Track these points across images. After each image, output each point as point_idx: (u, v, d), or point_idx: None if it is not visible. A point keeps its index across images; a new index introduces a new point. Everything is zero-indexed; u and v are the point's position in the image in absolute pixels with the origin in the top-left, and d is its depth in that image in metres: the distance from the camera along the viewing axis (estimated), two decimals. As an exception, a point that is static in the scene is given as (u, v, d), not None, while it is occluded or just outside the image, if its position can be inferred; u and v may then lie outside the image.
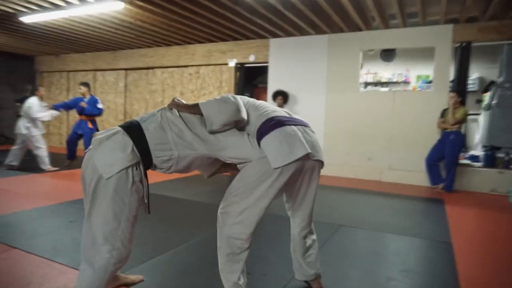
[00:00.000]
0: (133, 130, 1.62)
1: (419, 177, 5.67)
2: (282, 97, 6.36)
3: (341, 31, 6.20)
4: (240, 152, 1.70)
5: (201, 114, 1.68)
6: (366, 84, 7.50)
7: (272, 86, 6.75)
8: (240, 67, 7.24)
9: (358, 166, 6.15)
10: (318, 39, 6.41)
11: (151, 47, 8.14)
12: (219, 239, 1.75)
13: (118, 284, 1.96)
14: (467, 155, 6.06)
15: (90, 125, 6.30)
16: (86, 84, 6.47)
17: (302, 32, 6.44)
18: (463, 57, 5.44)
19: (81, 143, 6.49)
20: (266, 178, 1.64)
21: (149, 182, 1.70)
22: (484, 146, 5.83)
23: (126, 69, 8.72)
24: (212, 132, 1.67)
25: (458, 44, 5.51)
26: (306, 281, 2.06)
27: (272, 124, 1.68)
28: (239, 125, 1.75)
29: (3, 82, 11.39)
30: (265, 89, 7.01)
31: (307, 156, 1.65)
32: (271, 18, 5.64)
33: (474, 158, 5.86)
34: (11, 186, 4.55)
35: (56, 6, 5.35)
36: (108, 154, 1.55)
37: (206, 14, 5.46)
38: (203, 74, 7.64)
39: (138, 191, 1.61)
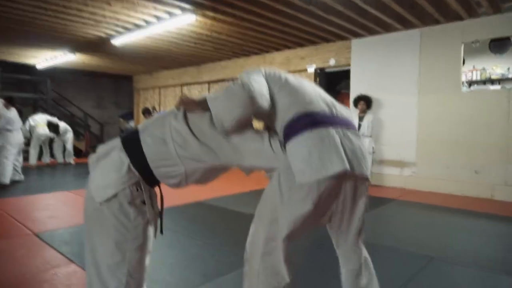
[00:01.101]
0: (130, 143, 1.36)
1: (548, 196, 4.45)
2: (364, 102, 5.71)
3: (437, 22, 5.32)
4: (260, 161, 1.35)
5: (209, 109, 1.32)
6: (471, 82, 6.32)
7: (355, 90, 6.13)
8: (320, 72, 6.78)
9: (461, 181, 5.13)
10: (408, 35, 5.61)
11: (231, 58, 8.19)
12: (248, 276, 1.38)
13: None
14: None
15: None
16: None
17: (388, 29, 5.71)
18: None
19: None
20: (291, 196, 1.26)
21: (215, 195, 1.34)
22: None
23: (209, 82, 8.95)
24: (226, 133, 1.30)
25: None
26: None
27: (304, 123, 1.26)
28: (262, 115, 1.36)
29: (110, 101, 12.81)
30: (349, 95, 6.41)
31: (344, 172, 1.21)
32: (350, 15, 5.10)
33: None
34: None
35: (138, 27, 5.65)
36: (102, 175, 1.34)
37: (279, 18, 5.19)
38: (281, 83, 7.36)
39: (142, 213, 1.36)
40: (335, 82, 7.32)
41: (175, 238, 3.07)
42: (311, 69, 6.78)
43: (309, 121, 1.26)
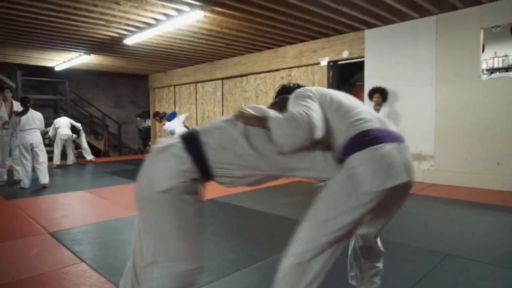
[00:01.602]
0: (191, 143, 1.45)
1: None
2: (379, 94, 5.55)
3: (454, 8, 5.10)
4: (313, 174, 1.47)
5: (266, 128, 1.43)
6: (493, 70, 6.04)
7: (370, 82, 5.97)
8: (333, 65, 6.64)
9: (482, 173, 4.92)
10: (423, 22, 5.40)
11: (244, 54, 8.14)
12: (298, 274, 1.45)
13: None
14: None
15: None
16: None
17: (402, 17, 5.53)
18: None
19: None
20: (352, 204, 1.38)
21: (228, 192, 1.54)
22: None
23: (222, 79, 8.93)
24: (282, 154, 1.42)
25: None
26: None
27: (366, 140, 1.39)
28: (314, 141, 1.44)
29: (127, 100, 13.01)
30: (363, 87, 6.26)
31: (404, 183, 1.38)
32: (362, 5, 4.95)
33: None
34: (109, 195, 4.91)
35: (149, 25, 5.67)
36: (166, 167, 1.42)
37: (290, 11, 5.10)
38: (294, 77, 7.26)
39: (196, 201, 1.47)
40: (349, 74, 7.16)
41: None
42: (324, 62, 6.65)
43: (372, 138, 1.38)
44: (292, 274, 1.43)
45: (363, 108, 1.52)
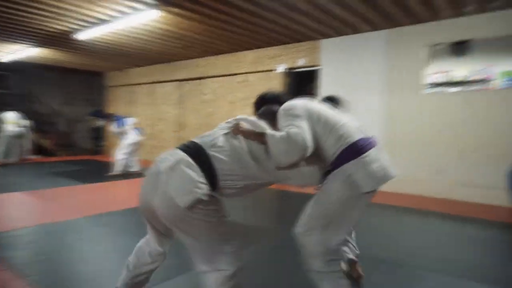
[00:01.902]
0: (200, 157, 1.55)
1: (500, 196, 4.56)
2: (332, 103, 5.71)
3: (402, 24, 5.39)
4: (307, 181, 1.71)
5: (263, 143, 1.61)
6: (437, 85, 6.44)
7: (325, 90, 6.13)
8: (289, 72, 6.76)
9: (423, 180, 5.22)
10: (375, 36, 5.66)
11: (202, 57, 8.08)
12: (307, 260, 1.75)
13: None
14: None
15: None
16: None
17: (356, 30, 5.75)
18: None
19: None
20: (352, 204, 1.65)
21: None
22: None
23: (180, 80, 8.80)
24: (279, 167, 1.62)
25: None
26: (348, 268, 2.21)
27: (355, 150, 1.64)
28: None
29: (81, 97, 12.43)
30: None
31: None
32: (317, 16, 5.10)
33: None
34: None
35: (102, 21, 5.47)
36: (181, 184, 1.48)
37: (247, 17, 5.15)
38: (251, 82, 7.32)
39: (218, 210, 1.59)
40: (306, 82, 7.32)
41: (129, 241, 2.96)
42: (280, 69, 6.75)
43: (360, 149, 1.64)
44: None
45: (346, 121, 1.73)
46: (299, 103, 1.69)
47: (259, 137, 1.61)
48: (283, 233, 3.27)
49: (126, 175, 6.51)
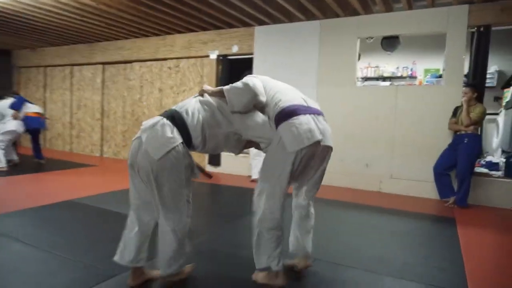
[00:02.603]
0: (174, 116, 1.87)
1: (426, 188, 4.76)
2: (266, 92, 5.50)
3: (336, 16, 5.33)
4: (262, 132, 1.99)
5: (224, 97, 1.98)
6: (367, 79, 6.60)
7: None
8: (222, 59, 6.41)
9: (354, 174, 5.26)
10: (309, 25, 5.54)
11: (129, 38, 7.36)
12: (255, 222, 1.99)
13: (143, 279, 2.02)
14: (484, 162, 5.12)
15: None
16: None
17: (291, 18, 5.58)
18: (480, 44, 4.51)
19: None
20: (284, 161, 1.87)
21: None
22: (504, 152, 4.91)
23: (103, 63, 7.96)
24: (234, 113, 1.97)
25: (475, 28, 4.59)
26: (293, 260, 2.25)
27: (289, 111, 1.90)
28: (259, 106, 2.02)
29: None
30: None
31: (318, 142, 1.89)
32: (255, 1, 4.81)
33: (493, 166, 4.92)
34: None
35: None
36: (155, 139, 1.77)
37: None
38: (183, 68, 6.83)
39: (188, 166, 1.85)
40: (239, 70, 7.02)
41: (17, 252, 2.42)
42: (213, 55, 6.37)
43: (293, 111, 1.91)
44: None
45: (285, 89, 2.07)
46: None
47: (218, 92, 2.02)
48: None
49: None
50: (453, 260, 2.59)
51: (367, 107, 5.17)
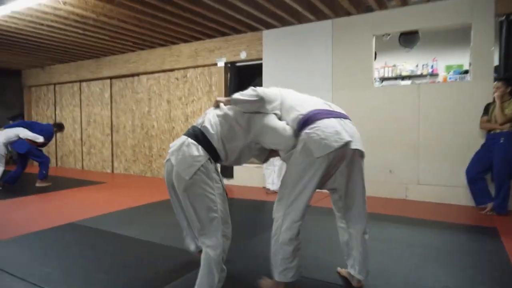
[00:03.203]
0: (197, 134, 1.90)
1: (459, 194, 4.33)
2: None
3: (348, 14, 5.01)
4: (279, 138, 1.86)
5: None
6: (384, 79, 6.22)
7: (267, 86, 5.60)
8: (231, 66, 6.15)
9: (376, 181, 4.87)
10: (320, 25, 5.23)
11: (134, 50, 7.20)
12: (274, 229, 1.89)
13: None
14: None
15: None
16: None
17: (300, 20, 5.29)
18: (510, 34, 4.11)
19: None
20: (309, 168, 1.75)
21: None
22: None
23: (110, 78, 7.82)
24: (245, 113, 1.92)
25: (503, 17, 4.19)
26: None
27: (311, 116, 1.81)
28: (266, 111, 1.90)
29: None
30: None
31: (346, 145, 1.75)
32: (260, 2, 4.55)
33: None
34: None
35: (-3, 1, 4.46)
36: (184, 160, 1.82)
37: (182, 2, 4.48)
38: (190, 78, 6.60)
39: (218, 179, 1.89)
40: (249, 77, 6.75)
41: None
42: (221, 63, 6.12)
43: (317, 113, 1.82)
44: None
45: (309, 99, 1.99)
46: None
47: (229, 101, 1.98)
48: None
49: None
50: (505, 282, 2.20)
51: (387, 108, 4.80)
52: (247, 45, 5.89)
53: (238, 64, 6.14)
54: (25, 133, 5.63)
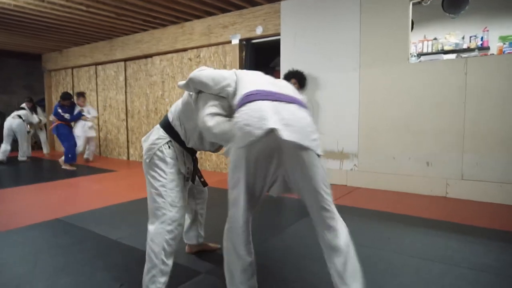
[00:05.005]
0: (165, 118, 1.93)
1: (513, 193, 3.56)
2: (296, 80, 4.52)
3: (380, -23, 4.22)
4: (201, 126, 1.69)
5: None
6: (422, 55, 5.36)
7: (286, 65, 4.96)
8: (246, 44, 5.54)
9: (410, 175, 4.16)
10: (346, -8, 4.48)
11: (146, 30, 6.74)
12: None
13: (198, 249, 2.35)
14: None
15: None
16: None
17: (323, -14, 4.56)
18: None
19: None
20: (237, 160, 1.42)
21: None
22: None
23: (124, 60, 7.44)
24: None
25: None
26: None
27: (245, 98, 1.43)
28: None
29: (20, 84, 10.88)
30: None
31: (273, 133, 1.28)
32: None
33: None
34: None
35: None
36: (146, 142, 1.89)
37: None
38: (204, 58, 6.05)
39: (175, 164, 1.84)
40: (269, 57, 6.11)
41: None
42: (235, 40, 5.51)
43: (249, 96, 1.42)
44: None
45: (259, 79, 1.58)
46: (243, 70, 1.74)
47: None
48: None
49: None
50: None
51: (425, 88, 4.03)
52: (263, 18, 5.23)
53: (254, 41, 5.51)
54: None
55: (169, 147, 1.82)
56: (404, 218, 3.21)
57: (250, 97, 1.41)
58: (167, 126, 1.86)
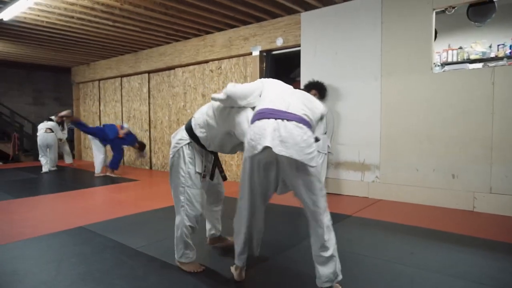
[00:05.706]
0: (188, 122, 2.27)
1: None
2: (316, 91, 4.49)
3: (402, -14, 4.18)
4: (241, 132, 1.99)
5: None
6: (446, 64, 5.22)
7: (306, 75, 4.95)
8: (266, 55, 5.58)
9: (435, 187, 4.02)
10: (367, 2, 4.46)
11: (169, 42, 6.91)
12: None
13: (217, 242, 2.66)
14: None
15: None
16: None
17: (343, -3, 4.56)
18: None
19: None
20: (245, 167, 1.86)
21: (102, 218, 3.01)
22: None
23: (148, 72, 7.65)
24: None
25: None
26: None
27: (257, 114, 1.84)
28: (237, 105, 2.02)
29: (51, 96, 11.36)
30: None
31: (270, 150, 1.68)
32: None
33: None
34: None
35: (20, -6, 4.33)
36: (174, 140, 2.25)
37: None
38: (225, 70, 6.14)
39: (193, 163, 2.19)
40: (289, 68, 6.12)
41: None
42: (256, 52, 5.56)
43: (259, 113, 1.83)
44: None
45: (274, 94, 1.93)
46: (270, 79, 2.13)
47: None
48: None
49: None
50: None
51: (450, 98, 3.92)
52: (283, 30, 5.27)
53: (274, 52, 5.55)
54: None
55: (189, 147, 2.18)
56: (428, 232, 3.10)
57: (259, 115, 1.80)
58: (189, 129, 2.20)
